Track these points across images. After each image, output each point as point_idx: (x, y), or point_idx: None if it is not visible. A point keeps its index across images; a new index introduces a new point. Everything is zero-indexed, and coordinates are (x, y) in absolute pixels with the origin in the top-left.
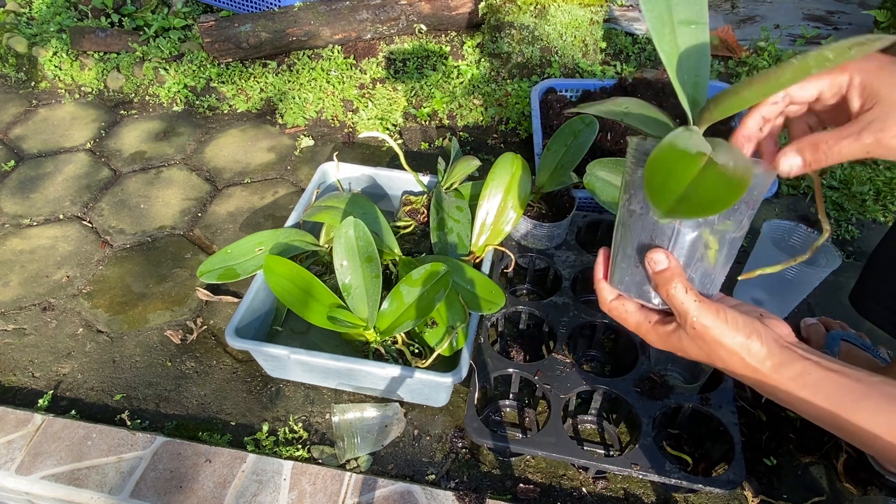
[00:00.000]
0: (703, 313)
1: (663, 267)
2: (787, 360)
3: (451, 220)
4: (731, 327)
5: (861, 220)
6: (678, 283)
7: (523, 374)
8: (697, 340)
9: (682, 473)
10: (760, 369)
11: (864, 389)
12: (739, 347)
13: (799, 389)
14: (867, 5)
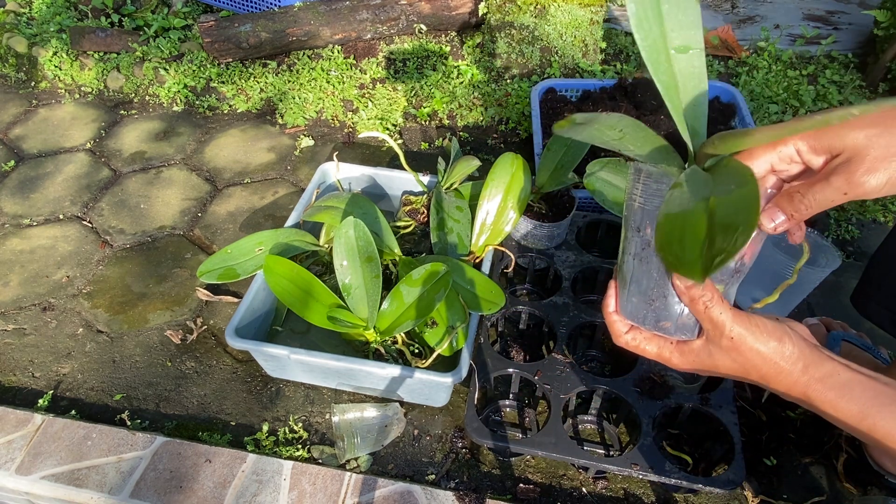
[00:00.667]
0: (738, 323)
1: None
2: (817, 361)
3: (451, 220)
4: (764, 332)
5: (861, 220)
6: (713, 295)
7: (523, 374)
8: (732, 352)
9: (682, 473)
10: (793, 372)
11: (891, 395)
12: (774, 352)
13: (826, 390)
14: (867, 5)
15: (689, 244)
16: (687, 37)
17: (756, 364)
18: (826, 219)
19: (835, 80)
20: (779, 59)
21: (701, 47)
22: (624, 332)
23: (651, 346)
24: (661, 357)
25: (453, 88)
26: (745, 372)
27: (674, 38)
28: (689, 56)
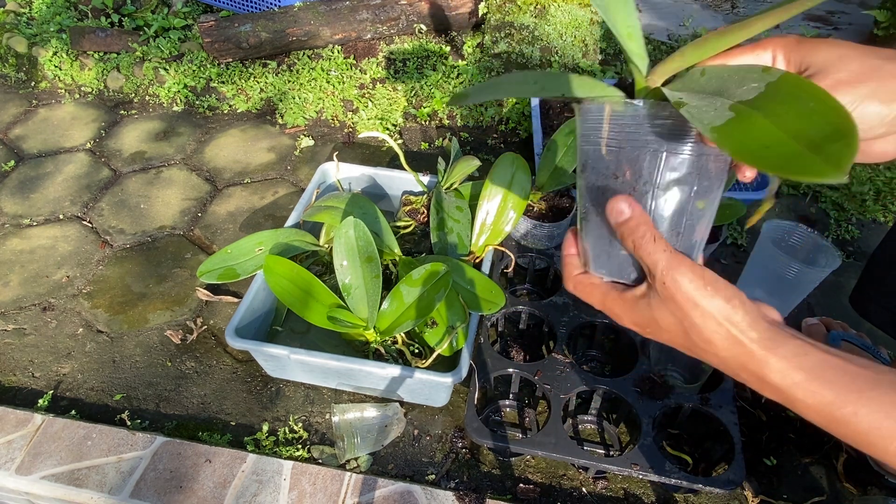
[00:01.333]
0: (676, 265)
1: (626, 216)
2: (778, 336)
3: (451, 220)
4: (709, 284)
5: (861, 220)
6: (646, 230)
7: (523, 374)
8: (669, 303)
9: (682, 473)
10: (744, 341)
11: (872, 377)
12: (718, 311)
13: (793, 370)
14: (867, 5)
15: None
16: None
17: (697, 322)
18: (826, 219)
19: None
20: None
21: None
22: (574, 274)
23: (598, 290)
24: (605, 306)
25: (453, 88)
26: (686, 334)
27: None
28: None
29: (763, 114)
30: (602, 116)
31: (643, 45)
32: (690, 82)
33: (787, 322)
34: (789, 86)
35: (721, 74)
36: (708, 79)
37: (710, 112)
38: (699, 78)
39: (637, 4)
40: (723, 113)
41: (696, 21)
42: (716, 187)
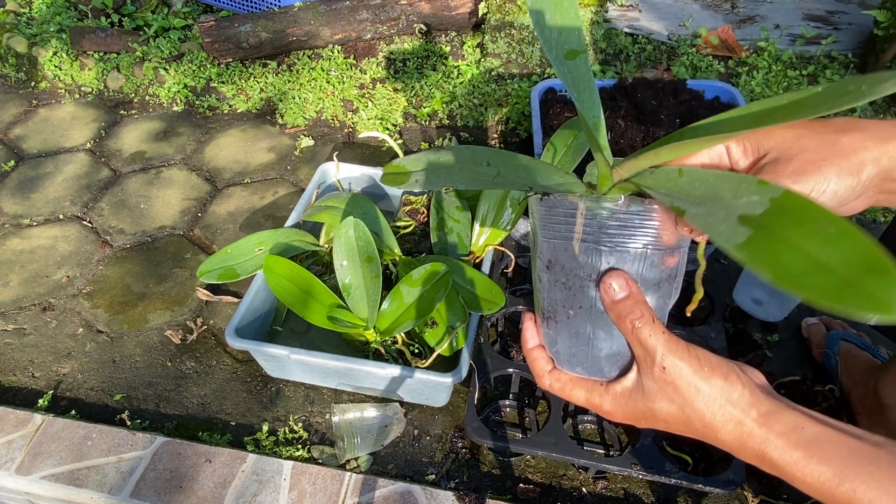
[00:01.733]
0: (673, 349)
1: (624, 294)
2: (775, 410)
3: (451, 220)
4: (706, 365)
5: (861, 219)
6: (643, 311)
7: (523, 375)
8: (668, 388)
9: (682, 473)
10: (744, 421)
11: (870, 451)
12: (719, 392)
13: (790, 448)
14: (867, 5)
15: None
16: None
17: (697, 406)
18: None
19: (835, 80)
20: (779, 59)
21: (585, 49)
22: (548, 371)
23: (578, 389)
24: (590, 403)
25: (453, 88)
26: (686, 418)
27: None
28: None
29: (782, 234)
30: (574, 211)
31: (606, 136)
32: (668, 182)
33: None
34: (796, 205)
35: (705, 179)
36: (690, 181)
37: (720, 225)
38: (678, 178)
39: (637, 4)
40: (736, 228)
41: (696, 21)
42: (679, 283)
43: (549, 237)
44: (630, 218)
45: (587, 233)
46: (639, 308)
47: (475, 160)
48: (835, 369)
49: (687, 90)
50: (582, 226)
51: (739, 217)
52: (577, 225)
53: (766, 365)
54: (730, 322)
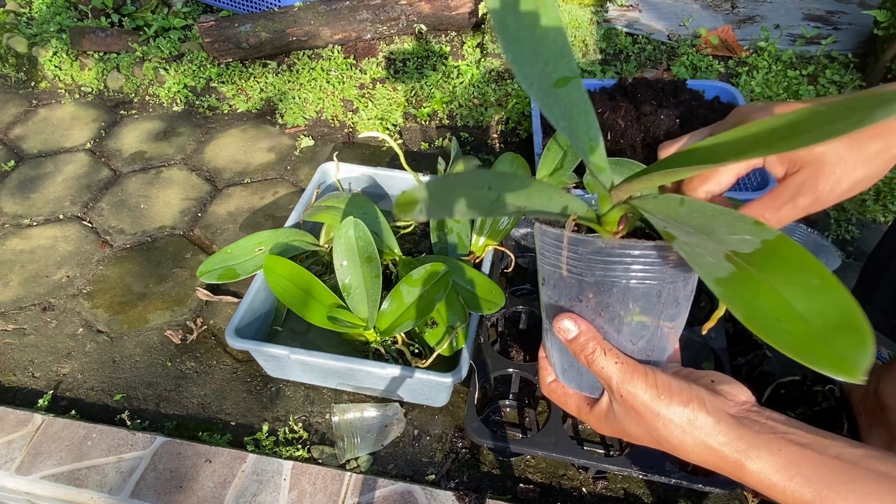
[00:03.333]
0: (628, 377)
1: (574, 334)
2: (745, 435)
3: (451, 220)
4: (664, 392)
5: (861, 220)
6: (595, 346)
7: (523, 374)
8: (631, 413)
9: (682, 473)
10: (713, 445)
11: (848, 470)
12: (679, 418)
13: (769, 472)
14: (867, 5)
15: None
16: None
17: (660, 431)
18: (826, 219)
19: (835, 80)
20: (779, 59)
21: (578, 75)
22: (548, 381)
23: (571, 401)
24: (580, 416)
25: (453, 88)
26: (655, 440)
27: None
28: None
29: (765, 278)
30: (560, 240)
31: (605, 157)
32: (668, 209)
33: None
34: (787, 250)
35: (704, 211)
36: (688, 211)
37: (706, 257)
38: (678, 207)
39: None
40: (721, 262)
41: (696, 21)
42: (683, 311)
43: (542, 261)
44: (612, 252)
45: (572, 261)
46: (591, 343)
47: (478, 184)
48: None
49: (687, 90)
50: (567, 255)
51: (727, 253)
52: (563, 255)
53: (766, 365)
54: (730, 322)
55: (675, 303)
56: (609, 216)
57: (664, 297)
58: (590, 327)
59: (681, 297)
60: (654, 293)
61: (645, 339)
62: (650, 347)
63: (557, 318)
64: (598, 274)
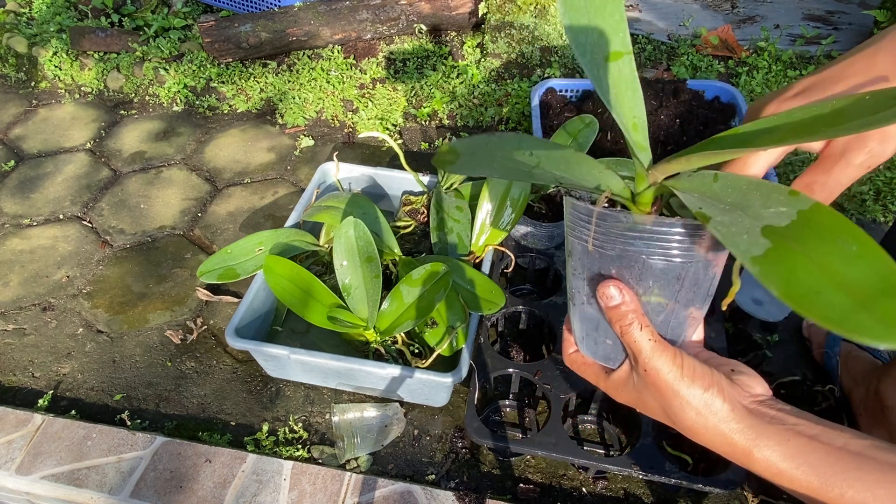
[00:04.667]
0: (658, 354)
1: (617, 302)
2: (756, 425)
3: (451, 220)
4: (687, 374)
5: (861, 220)
6: (633, 318)
7: (523, 374)
8: (651, 387)
9: (682, 473)
10: (725, 432)
11: (854, 460)
12: (696, 400)
13: (778, 460)
14: (867, 5)
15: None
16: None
17: (677, 411)
18: None
19: None
20: (779, 59)
21: (629, 51)
22: (570, 352)
23: (589, 370)
24: (598, 384)
25: (453, 88)
26: (667, 416)
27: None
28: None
29: (803, 250)
30: (590, 215)
31: (647, 136)
32: (702, 186)
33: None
34: (824, 218)
35: (738, 185)
36: (723, 187)
37: (742, 235)
38: (712, 184)
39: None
40: (757, 239)
41: (696, 21)
42: (700, 296)
43: (570, 234)
44: (639, 229)
45: (598, 236)
46: (630, 314)
47: (520, 148)
48: (835, 370)
49: (687, 90)
50: (594, 229)
51: (763, 228)
52: (591, 229)
53: (766, 365)
54: (730, 322)
55: (694, 285)
56: (644, 195)
57: (684, 278)
58: (634, 298)
59: (701, 280)
60: (675, 274)
61: (661, 319)
62: (664, 329)
63: (603, 283)
64: (622, 249)
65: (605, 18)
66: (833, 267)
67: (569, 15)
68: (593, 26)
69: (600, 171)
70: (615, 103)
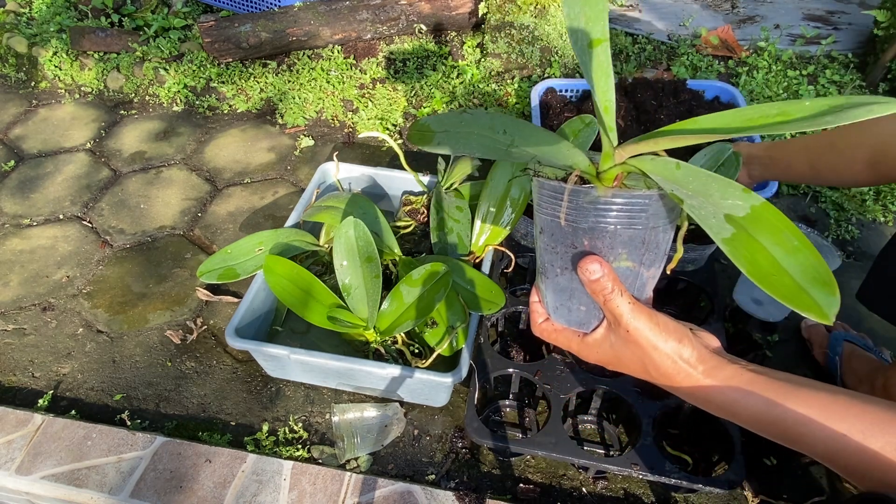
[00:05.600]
0: (637, 316)
1: (598, 275)
2: (718, 364)
3: (451, 220)
4: (664, 330)
5: (861, 220)
6: (614, 287)
7: (523, 374)
8: (630, 345)
9: (682, 473)
10: (692, 374)
11: (795, 387)
12: (672, 350)
13: (730, 390)
14: (867, 5)
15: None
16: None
17: (654, 360)
18: (826, 219)
19: (835, 80)
20: (779, 59)
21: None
22: (539, 322)
23: (560, 336)
24: (570, 347)
25: (453, 88)
26: (646, 368)
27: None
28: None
29: (758, 238)
30: (562, 192)
31: (615, 118)
32: (666, 171)
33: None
34: (770, 215)
35: (698, 176)
36: (685, 175)
37: (711, 218)
38: (675, 171)
39: (637, 4)
40: (724, 224)
41: (696, 21)
42: (660, 258)
43: (540, 211)
44: (607, 202)
45: (570, 211)
46: (611, 283)
47: (493, 127)
48: (837, 369)
49: (687, 90)
50: (566, 206)
51: (725, 215)
52: (563, 205)
53: (766, 365)
54: (730, 322)
55: (655, 248)
56: (609, 173)
57: (647, 242)
58: (611, 270)
59: (661, 243)
60: (639, 239)
61: (628, 282)
62: (631, 290)
63: (585, 260)
64: (594, 221)
65: (591, 7)
66: (779, 255)
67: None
68: (582, 14)
69: (569, 150)
70: (594, 86)
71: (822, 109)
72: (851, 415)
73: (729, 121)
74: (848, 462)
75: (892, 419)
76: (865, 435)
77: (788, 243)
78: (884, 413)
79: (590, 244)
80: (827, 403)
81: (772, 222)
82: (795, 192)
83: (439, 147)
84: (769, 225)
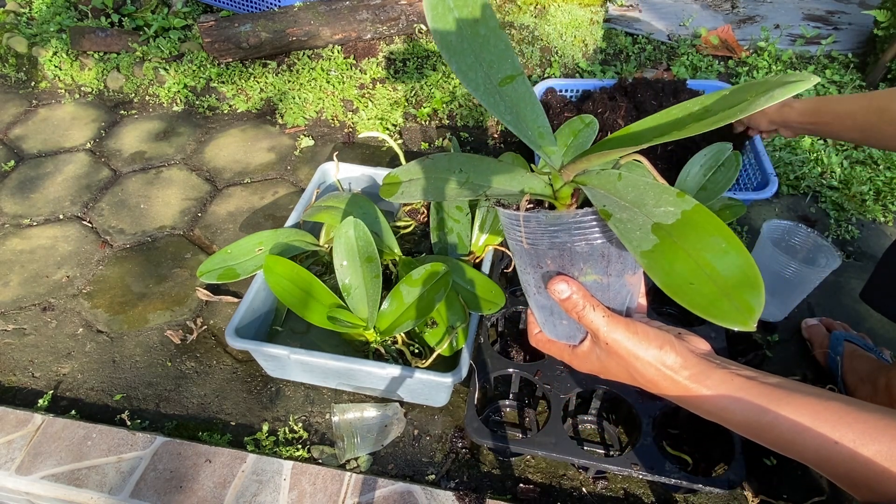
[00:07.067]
0: (613, 328)
1: (567, 294)
2: (705, 370)
3: (451, 220)
4: (643, 339)
5: (861, 220)
6: (585, 303)
7: (523, 374)
8: (614, 356)
9: (682, 473)
10: (678, 380)
11: (786, 394)
12: (653, 359)
13: (720, 397)
14: (867, 5)
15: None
16: (507, 67)
17: (637, 369)
18: (826, 219)
19: (835, 80)
20: (779, 59)
21: (522, 72)
22: (535, 333)
23: (553, 347)
24: (563, 358)
25: (453, 88)
26: (632, 377)
27: (496, 73)
28: (514, 85)
29: (684, 246)
30: (518, 219)
31: (554, 141)
32: (608, 184)
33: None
34: (702, 218)
35: (637, 185)
36: (625, 185)
37: (635, 231)
38: (616, 182)
39: (637, 4)
40: (647, 235)
41: (696, 21)
42: (630, 265)
43: (508, 236)
44: (555, 222)
45: (528, 235)
46: (582, 300)
47: (450, 168)
48: (837, 369)
49: (687, 90)
50: (524, 230)
51: (653, 225)
52: (521, 230)
53: (766, 365)
54: None
55: (619, 259)
56: (562, 192)
57: (608, 255)
58: (580, 287)
59: (624, 252)
60: (598, 253)
61: (601, 294)
62: (607, 300)
63: (552, 281)
64: (550, 242)
65: (490, 51)
66: (706, 260)
67: (454, 60)
68: (481, 61)
69: (522, 176)
70: (515, 122)
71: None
72: (844, 422)
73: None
74: (840, 469)
75: (885, 427)
76: (857, 442)
77: (717, 246)
78: (876, 420)
79: (553, 264)
80: (819, 410)
81: (702, 226)
82: (795, 192)
83: (403, 197)
84: (699, 229)
